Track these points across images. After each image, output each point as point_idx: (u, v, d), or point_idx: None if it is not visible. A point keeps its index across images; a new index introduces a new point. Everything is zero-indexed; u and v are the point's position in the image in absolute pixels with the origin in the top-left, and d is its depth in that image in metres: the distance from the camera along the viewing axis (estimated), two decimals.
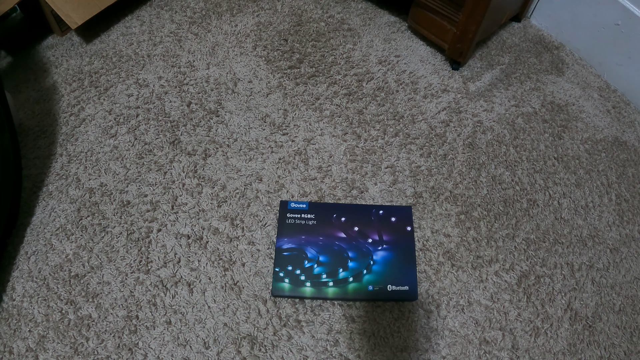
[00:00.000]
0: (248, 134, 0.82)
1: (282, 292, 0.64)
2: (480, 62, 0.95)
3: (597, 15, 0.89)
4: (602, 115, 0.88)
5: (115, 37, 0.96)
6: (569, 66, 0.96)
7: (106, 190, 0.75)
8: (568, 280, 0.69)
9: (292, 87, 0.89)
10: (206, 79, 0.90)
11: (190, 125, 0.83)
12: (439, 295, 0.66)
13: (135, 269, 0.67)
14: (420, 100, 0.88)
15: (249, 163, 0.79)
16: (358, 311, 0.65)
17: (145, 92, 0.88)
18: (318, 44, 0.96)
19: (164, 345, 0.61)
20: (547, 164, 0.81)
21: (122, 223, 0.71)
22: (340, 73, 0.91)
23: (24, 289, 0.65)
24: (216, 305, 0.64)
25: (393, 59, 0.94)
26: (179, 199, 0.74)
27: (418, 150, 0.81)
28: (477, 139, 0.83)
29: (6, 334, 0.62)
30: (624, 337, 0.64)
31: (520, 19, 1.03)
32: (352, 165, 0.79)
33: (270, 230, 0.71)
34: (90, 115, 0.84)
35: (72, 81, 0.89)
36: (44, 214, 0.72)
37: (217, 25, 0.99)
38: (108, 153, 0.79)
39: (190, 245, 0.69)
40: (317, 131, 0.83)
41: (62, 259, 0.68)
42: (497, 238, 0.72)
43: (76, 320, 0.63)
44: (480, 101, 0.89)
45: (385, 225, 0.70)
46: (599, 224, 0.74)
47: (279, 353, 0.61)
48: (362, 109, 0.86)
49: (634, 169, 0.81)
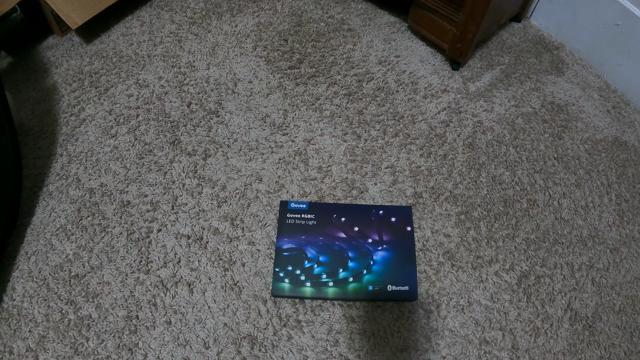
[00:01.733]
0: (248, 134, 0.82)
1: (282, 292, 0.64)
2: (480, 63, 0.95)
3: (597, 16, 0.89)
4: (602, 116, 0.88)
5: (115, 38, 0.96)
6: (568, 66, 0.96)
7: (106, 190, 0.75)
8: (568, 280, 0.69)
9: (292, 88, 0.89)
10: (206, 79, 0.90)
11: (191, 125, 0.83)
12: (439, 296, 0.66)
13: (136, 269, 0.67)
14: (420, 101, 0.88)
15: (249, 163, 0.79)
16: (358, 311, 0.65)
17: (146, 93, 0.88)
18: (318, 44, 0.96)
19: (164, 346, 0.61)
20: (547, 164, 0.81)
21: (122, 223, 0.71)
22: (340, 73, 0.92)
23: (24, 289, 0.65)
24: (216, 306, 0.64)
25: (393, 59, 0.94)
26: (179, 199, 0.74)
27: (418, 150, 0.81)
28: (477, 139, 0.83)
29: (6, 334, 0.62)
30: (624, 337, 0.64)
31: (520, 19, 1.03)
32: (352, 165, 0.79)
33: (270, 231, 0.71)
34: (91, 115, 0.84)
35: (72, 81, 0.89)
36: (44, 214, 0.72)
37: (217, 25, 1.00)
38: (108, 153, 0.79)
39: (191, 246, 0.69)
40: (317, 131, 0.83)
41: (62, 259, 0.68)
42: (497, 238, 0.72)
43: (76, 320, 0.63)
44: (480, 101, 0.89)
45: (385, 226, 0.70)
46: (599, 224, 0.74)
47: (279, 353, 0.61)
48: (362, 109, 0.86)
49: (634, 169, 0.81)
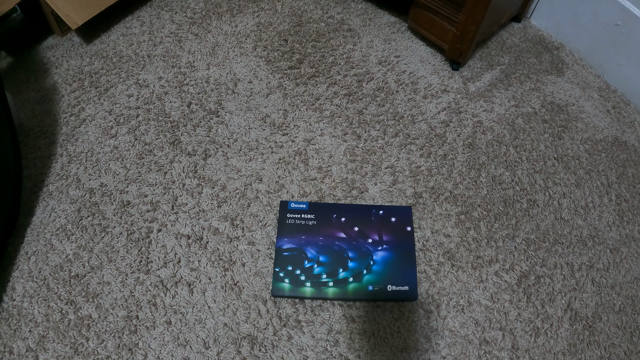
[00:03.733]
0: (248, 134, 0.82)
1: (282, 292, 0.64)
2: (480, 63, 0.95)
3: (597, 16, 0.89)
4: (602, 116, 0.88)
5: (115, 38, 0.96)
6: (568, 66, 0.96)
7: (106, 190, 0.75)
8: (568, 280, 0.69)
9: (292, 88, 0.89)
10: (206, 79, 0.90)
11: (191, 125, 0.83)
12: (439, 296, 0.66)
13: (136, 269, 0.67)
14: (420, 101, 0.88)
15: (249, 163, 0.79)
16: (358, 311, 0.65)
17: (146, 93, 0.88)
18: (318, 44, 0.96)
19: (164, 346, 0.61)
20: (547, 164, 0.81)
21: (122, 223, 0.71)
22: (340, 73, 0.92)
23: (24, 289, 0.65)
24: (216, 306, 0.64)
25: (393, 60, 0.94)
26: (179, 199, 0.74)
27: (418, 150, 0.81)
28: (477, 139, 0.83)
29: (6, 334, 0.62)
30: (624, 337, 0.64)
31: (520, 19, 1.03)
32: (352, 165, 0.79)
33: (270, 231, 0.71)
34: (91, 115, 0.84)
35: (73, 81, 0.89)
36: (44, 214, 0.72)
37: (217, 25, 1.00)
38: (108, 153, 0.79)
39: (191, 246, 0.69)
40: (317, 131, 0.83)
41: (62, 259, 0.68)
42: (497, 238, 0.72)
43: (76, 320, 0.63)
44: (480, 101, 0.89)
45: (385, 226, 0.70)
46: (599, 224, 0.74)
47: (279, 353, 0.61)
48: (362, 109, 0.86)
49: (634, 169, 0.81)
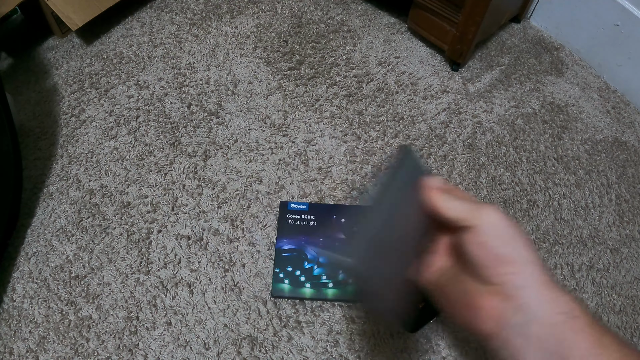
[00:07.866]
0: (248, 135, 0.82)
1: (282, 293, 0.64)
2: (480, 63, 0.95)
3: (596, 16, 0.89)
4: (602, 116, 0.88)
5: (115, 39, 0.97)
6: (568, 67, 0.96)
7: (107, 191, 0.75)
8: (568, 280, 0.69)
9: (292, 89, 0.89)
10: (206, 80, 0.90)
11: (191, 126, 0.83)
12: None
13: (136, 270, 0.67)
14: (420, 102, 0.88)
15: (249, 164, 0.79)
16: (358, 312, 0.65)
17: (146, 94, 0.88)
18: (318, 45, 0.96)
19: (164, 346, 0.61)
20: (547, 165, 0.81)
21: (122, 224, 0.71)
22: (340, 74, 0.92)
23: (24, 290, 0.65)
24: (216, 306, 0.64)
25: (393, 60, 0.94)
26: (179, 200, 0.74)
27: (418, 151, 0.81)
28: (476, 140, 0.83)
29: (6, 334, 0.62)
30: (624, 338, 0.64)
31: (520, 19, 1.03)
32: (352, 166, 0.79)
33: (270, 231, 0.71)
34: (91, 116, 0.84)
35: (73, 83, 0.89)
36: (45, 215, 0.72)
37: (217, 26, 1.00)
38: (108, 154, 0.79)
39: (191, 247, 0.70)
40: (317, 132, 0.83)
41: (62, 260, 0.68)
42: None
43: (76, 321, 0.63)
44: (479, 102, 0.89)
45: None
46: (599, 225, 0.74)
47: (279, 354, 0.61)
48: (362, 110, 0.86)
49: (634, 169, 0.81)
